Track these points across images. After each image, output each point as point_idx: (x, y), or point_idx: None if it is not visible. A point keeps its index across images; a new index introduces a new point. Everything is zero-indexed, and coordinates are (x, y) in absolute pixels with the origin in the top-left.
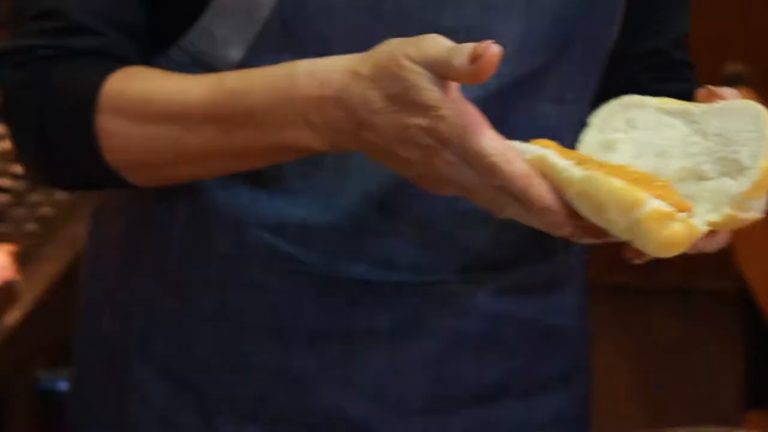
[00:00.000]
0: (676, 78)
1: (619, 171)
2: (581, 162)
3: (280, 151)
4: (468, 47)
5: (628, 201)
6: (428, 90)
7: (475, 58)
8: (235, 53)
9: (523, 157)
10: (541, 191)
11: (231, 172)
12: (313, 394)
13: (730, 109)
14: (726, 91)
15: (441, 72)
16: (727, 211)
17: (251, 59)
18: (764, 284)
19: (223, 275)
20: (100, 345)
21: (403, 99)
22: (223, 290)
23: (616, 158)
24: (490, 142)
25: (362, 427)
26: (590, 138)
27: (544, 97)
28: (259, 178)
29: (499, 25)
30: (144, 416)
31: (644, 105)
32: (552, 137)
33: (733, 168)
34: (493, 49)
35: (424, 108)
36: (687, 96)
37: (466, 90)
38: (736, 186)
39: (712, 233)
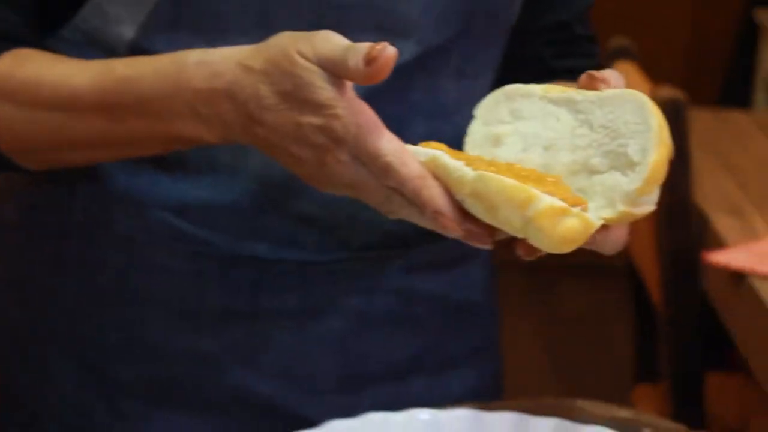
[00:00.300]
0: (579, 53)
1: (508, 170)
2: (471, 162)
3: (171, 140)
4: (363, 48)
5: (520, 199)
6: (322, 89)
7: (370, 60)
8: (128, 31)
9: (417, 159)
10: (434, 194)
11: (126, 158)
12: (221, 374)
13: (614, 98)
14: (608, 74)
15: (335, 72)
16: (621, 207)
17: (144, 37)
18: (645, 259)
19: (126, 258)
20: (6, 334)
21: (295, 96)
22: (127, 273)
23: (503, 153)
24: (386, 143)
25: (272, 407)
26: (476, 131)
27: (447, 74)
28: (161, 161)
29: (399, 1)
30: (56, 402)
31: (528, 94)
32: (452, 113)
33: (622, 162)
34: (388, 52)
35: (317, 106)
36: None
37: None
38: (627, 183)
39: (606, 228)
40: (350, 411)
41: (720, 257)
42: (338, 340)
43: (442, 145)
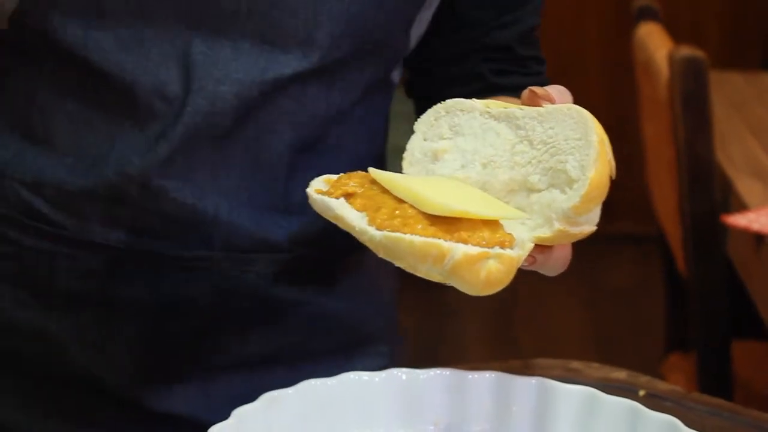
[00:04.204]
0: (523, 72)
1: (420, 215)
2: (377, 208)
3: None
4: None
5: (432, 255)
6: None
7: None
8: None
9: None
10: None
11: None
12: (68, 358)
13: (555, 114)
14: (552, 90)
15: None
16: (558, 226)
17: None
18: (670, 224)
19: None
20: None
21: None
22: None
23: (442, 170)
24: None
25: (118, 393)
26: (415, 146)
27: (317, 85)
28: (31, 132)
29: (287, 15)
30: None
31: (469, 109)
32: (319, 122)
33: (561, 179)
34: None
35: None
36: None
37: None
38: (564, 201)
39: (548, 248)
40: (205, 399)
41: (740, 220)
42: (191, 335)
43: (357, 177)
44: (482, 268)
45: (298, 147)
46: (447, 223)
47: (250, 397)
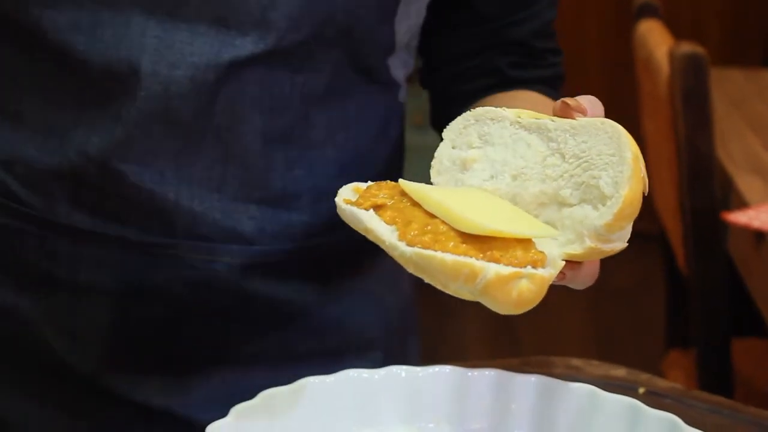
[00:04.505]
0: (540, 65)
1: (452, 231)
2: (407, 222)
3: None
4: None
5: (464, 274)
6: None
7: None
8: None
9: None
10: None
11: None
12: (41, 342)
13: (589, 128)
14: (585, 101)
15: None
16: (589, 243)
17: None
18: (670, 221)
19: None
20: None
21: None
22: None
23: (470, 180)
24: None
25: (91, 381)
26: (444, 154)
27: (282, 68)
28: (3, 108)
29: None
30: None
31: (499, 118)
32: (287, 106)
33: (593, 195)
34: None
35: None
36: (551, 81)
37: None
38: (597, 218)
39: (578, 263)
40: (193, 396)
41: (741, 217)
42: (161, 325)
43: (387, 187)
44: (514, 288)
45: (272, 136)
46: (479, 241)
47: (241, 396)
